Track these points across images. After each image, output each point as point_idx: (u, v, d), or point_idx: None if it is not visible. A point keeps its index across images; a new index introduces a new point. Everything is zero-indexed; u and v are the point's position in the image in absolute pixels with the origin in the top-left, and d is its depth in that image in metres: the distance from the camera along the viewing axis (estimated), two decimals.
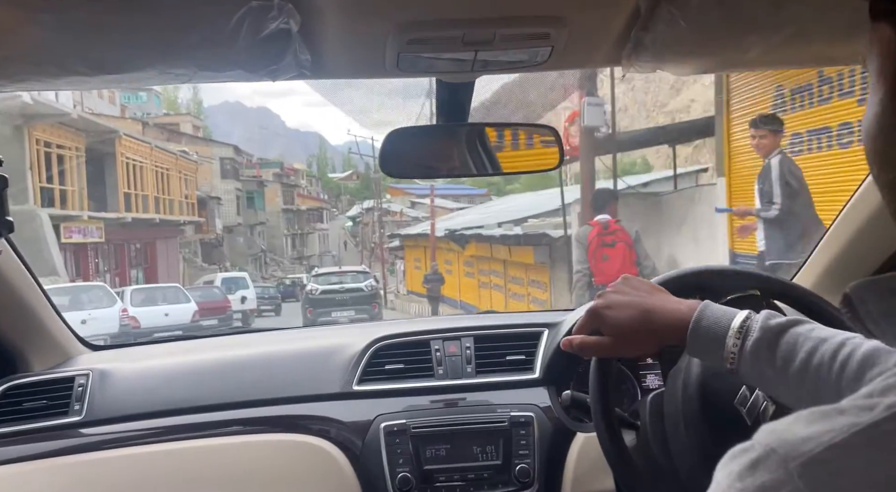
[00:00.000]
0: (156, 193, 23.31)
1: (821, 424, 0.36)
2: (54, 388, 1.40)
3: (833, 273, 1.36)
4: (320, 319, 13.06)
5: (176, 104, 34.41)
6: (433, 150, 1.14)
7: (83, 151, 18.76)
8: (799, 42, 0.84)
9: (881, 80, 0.41)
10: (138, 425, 1.37)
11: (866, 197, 1.26)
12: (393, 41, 0.77)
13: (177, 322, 13.14)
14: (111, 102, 28.66)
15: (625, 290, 0.86)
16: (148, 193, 22.57)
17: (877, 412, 0.35)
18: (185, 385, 1.44)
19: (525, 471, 1.31)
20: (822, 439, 0.35)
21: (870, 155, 0.43)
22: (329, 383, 1.43)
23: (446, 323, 1.57)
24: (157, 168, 23.60)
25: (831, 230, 1.37)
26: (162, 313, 13.57)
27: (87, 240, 18.49)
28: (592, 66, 0.97)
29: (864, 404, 0.36)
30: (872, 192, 1.23)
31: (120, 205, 20.57)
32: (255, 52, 0.73)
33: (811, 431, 0.36)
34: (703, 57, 0.90)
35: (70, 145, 18.00)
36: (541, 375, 1.42)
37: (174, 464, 1.34)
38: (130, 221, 20.78)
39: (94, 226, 18.84)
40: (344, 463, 1.33)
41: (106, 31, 0.67)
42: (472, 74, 0.96)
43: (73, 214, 17.78)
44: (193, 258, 27.59)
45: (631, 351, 0.89)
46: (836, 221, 1.35)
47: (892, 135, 0.41)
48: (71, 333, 1.62)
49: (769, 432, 0.38)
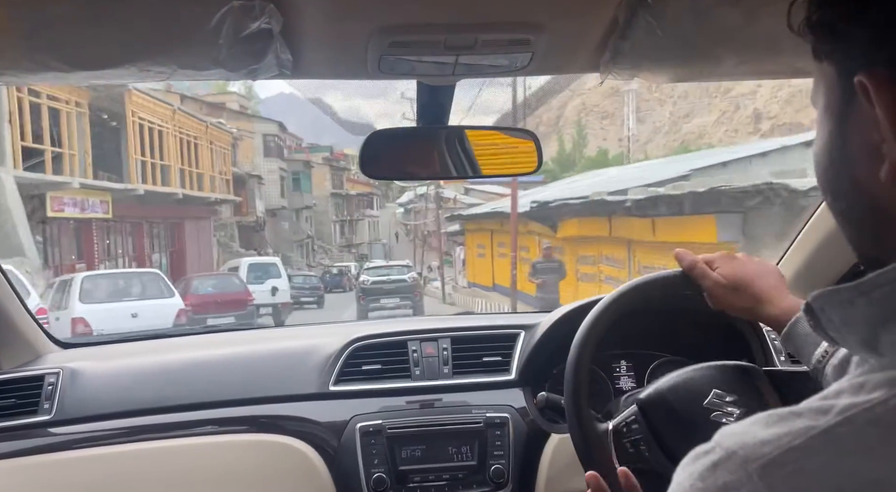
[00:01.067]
0: (180, 164, 20.03)
1: (778, 427, 0.37)
2: (24, 386, 1.37)
3: (802, 277, 1.39)
4: (371, 305, 15.63)
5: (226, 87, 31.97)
6: (413, 152, 1.15)
7: (86, 107, 15.43)
8: (771, 54, 0.86)
9: (827, 115, 0.43)
10: (110, 424, 1.35)
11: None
12: (375, 43, 0.77)
13: (151, 325, 9.22)
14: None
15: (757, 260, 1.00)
16: (170, 164, 19.22)
17: (831, 416, 0.36)
18: (158, 384, 1.43)
19: (500, 471, 1.32)
20: (781, 442, 0.36)
21: (822, 185, 0.46)
22: (305, 383, 1.42)
23: (424, 324, 1.58)
24: (182, 135, 20.38)
25: (801, 235, 1.40)
26: (128, 313, 9.93)
27: (86, 215, 15.21)
28: (571, 71, 0.99)
29: (819, 406, 0.37)
30: None
31: (131, 174, 16.98)
32: (236, 52, 0.73)
33: (769, 434, 0.37)
34: (679, 66, 0.92)
35: (67, 98, 14.54)
36: (516, 376, 1.43)
37: (146, 464, 1.32)
38: (144, 194, 17.33)
39: (96, 198, 15.52)
40: (319, 463, 1.33)
41: (84, 28, 0.66)
42: (453, 78, 0.96)
43: (60, 180, 13.99)
44: (230, 243, 25.19)
45: (731, 303, 0.96)
46: (807, 225, 1.38)
47: (840, 166, 0.43)
48: (41, 330, 1.59)
49: (729, 434, 0.39)
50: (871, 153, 0.39)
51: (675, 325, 1.38)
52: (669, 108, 30.75)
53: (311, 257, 36.09)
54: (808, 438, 0.36)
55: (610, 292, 1.09)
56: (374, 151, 1.11)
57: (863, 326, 0.40)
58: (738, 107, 20.51)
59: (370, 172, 1.13)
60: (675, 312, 1.34)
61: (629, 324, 1.16)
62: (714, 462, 0.38)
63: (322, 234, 40.88)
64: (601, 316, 1.06)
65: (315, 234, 38.91)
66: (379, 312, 15.06)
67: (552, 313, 1.48)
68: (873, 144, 0.39)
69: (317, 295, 19.31)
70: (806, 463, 0.35)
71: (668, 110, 30.94)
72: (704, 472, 0.38)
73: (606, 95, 37.70)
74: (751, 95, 21.54)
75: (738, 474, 0.36)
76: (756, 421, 0.39)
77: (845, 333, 0.42)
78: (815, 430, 0.36)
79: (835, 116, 0.42)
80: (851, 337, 0.42)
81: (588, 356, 1.04)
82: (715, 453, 0.38)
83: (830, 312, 0.42)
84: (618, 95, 31.74)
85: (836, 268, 1.34)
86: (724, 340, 1.35)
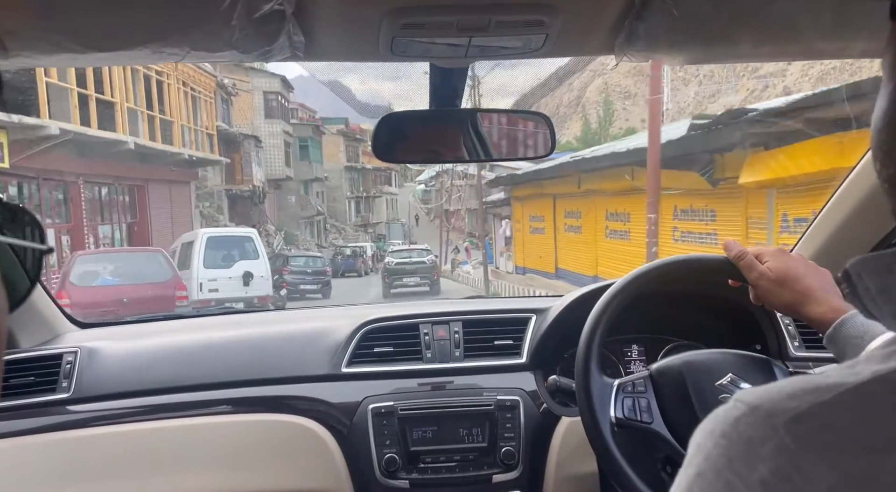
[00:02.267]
0: (131, 103, 14.35)
1: (804, 384, 0.37)
2: (42, 365, 1.40)
3: (830, 249, 1.38)
4: (395, 283, 17.38)
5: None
6: (426, 135, 1.14)
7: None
8: (788, 36, 0.85)
9: (893, 76, 0.42)
10: (126, 402, 1.38)
11: (864, 175, 1.28)
12: (387, 25, 0.77)
13: None
14: None
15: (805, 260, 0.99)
16: (116, 101, 13.64)
17: (863, 375, 0.36)
18: (174, 364, 1.45)
19: (510, 453, 1.33)
20: (809, 397, 0.35)
21: (874, 149, 0.44)
22: (318, 364, 1.44)
23: (435, 307, 1.58)
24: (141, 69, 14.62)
25: (828, 206, 1.38)
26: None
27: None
28: (586, 54, 0.98)
29: (849, 370, 0.37)
30: (870, 170, 1.25)
31: (42, 108, 10.85)
32: (249, 33, 0.73)
33: (795, 389, 0.36)
34: (694, 48, 0.91)
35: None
36: (528, 360, 1.44)
37: (162, 442, 1.35)
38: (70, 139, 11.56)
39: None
40: (331, 443, 1.35)
41: (100, 10, 0.67)
42: (466, 60, 0.96)
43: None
44: (215, 215, 20.52)
45: (776, 297, 0.97)
46: (834, 197, 1.36)
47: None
48: (59, 310, 1.61)
49: (750, 392, 0.38)
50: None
51: (689, 310, 1.38)
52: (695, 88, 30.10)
53: (323, 237, 32.37)
54: (839, 393, 0.35)
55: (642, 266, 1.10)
56: (386, 135, 1.11)
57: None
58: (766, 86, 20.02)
59: (383, 155, 1.13)
60: (689, 297, 1.34)
61: (642, 308, 1.17)
62: (736, 417, 0.37)
63: (335, 211, 36.76)
64: (613, 299, 1.06)
65: (327, 211, 34.88)
66: (401, 289, 17.12)
67: (564, 297, 1.48)
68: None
69: (321, 281, 15.66)
70: (836, 418, 0.34)
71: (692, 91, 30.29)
72: (727, 428, 0.37)
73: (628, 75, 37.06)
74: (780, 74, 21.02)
75: (764, 428, 0.35)
76: (779, 382, 0.38)
77: (881, 302, 0.41)
78: (846, 386, 0.35)
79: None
80: (886, 307, 0.40)
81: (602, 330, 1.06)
82: (736, 408, 0.37)
83: (868, 280, 0.41)
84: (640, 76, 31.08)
85: (866, 240, 1.32)
86: (737, 326, 1.35)
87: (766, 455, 0.34)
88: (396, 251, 19.70)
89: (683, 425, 1.00)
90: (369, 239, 33.50)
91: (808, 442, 0.34)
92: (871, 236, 1.32)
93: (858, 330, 0.87)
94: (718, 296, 1.27)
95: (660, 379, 1.05)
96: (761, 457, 0.34)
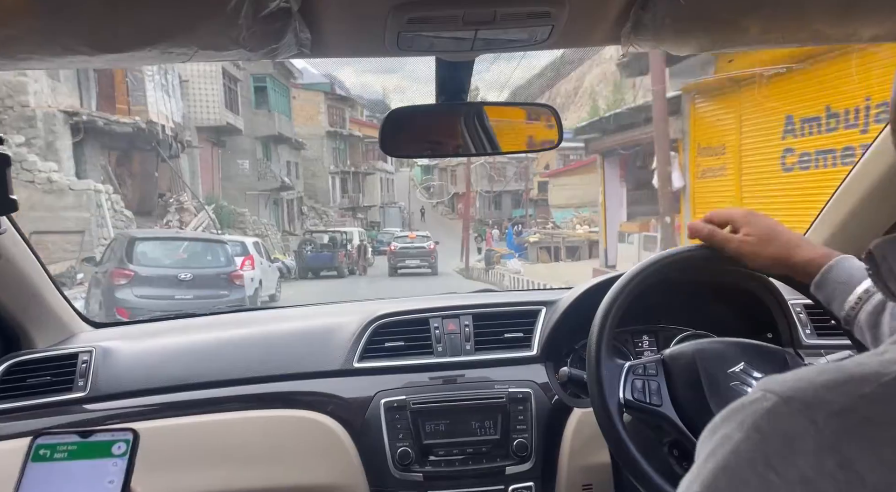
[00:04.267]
0: None
1: (836, 374, 0.35)
2: (58, 364, 1.42)
3: (845, 230, 1.37)
4: (399, 264, 19.23)
5: None
6: (433, 129, 1.15)
7: None
8: (798, 21, 0.84)
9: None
10: (142, 400, 1.39)
11: (879, 155, 1.27)
12: (393, 20, 0.77)
13: None
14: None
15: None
16: None
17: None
18: (188, 362, 1.46)
19: (523, 445, 1.33)
20: (846, 388, 0.34)
21: (893, 122, 0.44)
22: (330, 360, 1.45)
23: (445, 301, 1.59)
24: None
25: (843, 187, 1.37)
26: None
27: None
28: (592, 44, 0.97)
29: (884, 359, 0.35)
30: (885, 150, 1.24)
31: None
32: (256, 31, 0.73)
33: (828, 380, 0.34)
34: (702, 36, 0.91)
35: None
36: (538, 352, 1.44)
37: (177, 439, 1.36)
38: None
39: None
40: (345, 438, 1.36)
41: (108, 11, 0.67)
42: (473, 53, 0.96)
43: None
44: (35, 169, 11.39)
45: (766, 255, 0.96)
46: (848, 178, 1.35)
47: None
48: (73, 310, 1.63)
49: (777, 381, 0.36)
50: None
51: (700, 299, 1.37)
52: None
53: (298, 222, 24.21)
54: (879, 385, 0.33)
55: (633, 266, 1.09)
56: (393, 129, 1.11)
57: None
58: None
59: (389, 149, 1.13)
60: (700, 287, 1.34)
61: (652, 298, 1.17)
62: (768, 410, 0.35)
63: (315, 190, 27.32)
64: (624, 288, 1.06)
65: (304, 190, 25.98)
66: (405, 270, 19.33)
67: (573, 289, 1.48)
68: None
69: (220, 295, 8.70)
70: (878, 411, 0.33)
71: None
72: (759, 421, 0.35)
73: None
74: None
75: (802, 423, 0.33)
76: (804, 370, 0.36)
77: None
78: (887, 377, 0.34)
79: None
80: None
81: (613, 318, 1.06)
82: (767, 399, 0.35)
83: (892, 261, 0.40)
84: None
85: (882, 221, 1.32)
86: (748, 315, 1.34)
87: (806, 450, 0.32)
88: (400, 237, 21.84)
89: (693, 410, 1.00)
90: (359, 225, 26.39)
91: (852, 437, 0.32)
92: (887, 218, 1.31)
93: (845, 275, 0.87)
94: (729, 285, 1.27)
95: (672, 364, 1.05)
96: (801, 452, 0.32)
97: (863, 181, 1.32)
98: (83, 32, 0.71)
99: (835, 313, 0.90)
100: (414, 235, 21.80)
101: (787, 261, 0.94)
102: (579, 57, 40.84)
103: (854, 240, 1.32)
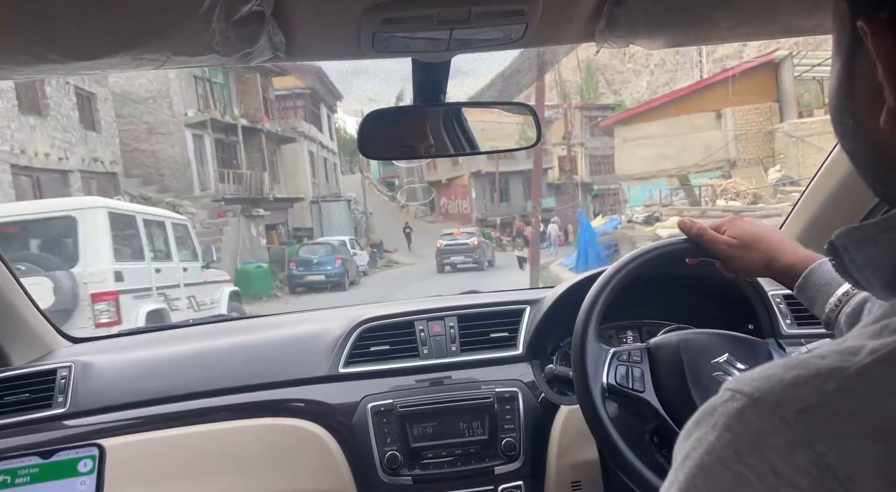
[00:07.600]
0: None
1: (802, 369, 0.35)
2: (37, 381, 1.39)
3: (816, 224, 1.39)
4: (444, 262, 19.94)
5: None
6: (411, 130, 1.14)
7: None
8: (768, 14, 0.85)
9: (837, 56, 0.42)
10: (124, 414, 1.37)
11: None
12: (367, 21, 0.77)
13: None
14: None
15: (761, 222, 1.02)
16: None
17: (862, 356, 0.35)
18: (170, 374, 1.44)
19: (511, 444, 1.33)
20: (812, 384, 0.34)
21: (833, 124, 0.44)
22: (315, 366, 1.43)
23: (429, 304, 1.58)
24: None
25: (814, 183, 1.39)
26: None
27: None
28: (566, 42, 0.98)
29: (847, 348, 0.36)
30: None
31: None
32: (229, 36, 0.72)
33: (795, 376, 0.35)
34: (675, 31, 0.92)
35: None
36: (524, 351, 1.44)
37: (161, 452, 1.34)
38: None
39: None
40: (332, 444, 1.35)
41: (77, 17, 0.66)
42: (448, 54, 0.96)
43: None
44: None
45: (747, 261, 0.98)
46: (819, 173, 1.37)
47: (846, 108, 0.42)
48: (50, 325, 1.60)
49: (745, 381, 0.37)
50: (874, 97, 0.38)
51: (681, 293, 1.39)
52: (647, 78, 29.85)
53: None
54: (842, 378, 0.34)
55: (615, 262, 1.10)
56: (371, 131, 1.10)
57: (887, 266, 0.39)
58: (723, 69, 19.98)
59: (368, 151, 1.13)
60: (681, 280, 1.35)
61: (635, 293, 1.17)
62: (738, 409, 0.35)
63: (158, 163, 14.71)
64: (607, 283, 1.07)
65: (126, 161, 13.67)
66: (450, 267, 20.03)
67: (556, 287, 1.49)
68: (876, 88, 0.38)
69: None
70: (843, 405, 0.33)
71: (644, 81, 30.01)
72: (730, 421, 0.35)
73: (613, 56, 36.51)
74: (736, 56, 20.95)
75: (772, 421, 0.34)
76: (771, 367, 0.37)
77: (868, 273, 0.41)
78: (848, 371, 0.34)
79: (843, 57, 0.41)
80: (874, 277, 0.40)
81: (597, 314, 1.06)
82: (736, 400, 0.36)
83: (854, 251, 0.41)
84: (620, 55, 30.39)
85: (852, 214, 1.33)
86: (729, 307, 1.36)
87: (777, 446, 0.33)
88: (447, 234, 21.94)
89: (675, 398, 1.01)
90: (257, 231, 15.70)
91: (821, 431, 0.33)
92: (856, 212, 1.33)
93: (826, 278, 0.90)
94: (710, 278, 1.28)
95: (656, 352, 1.06)
96: (772, 448, 0.33)
97: (834, 174, 1.35)
98: (53, 40, 0.70)
99: (817, 315, 0.92)
100: (459, 232, 21.86)
101: (770, 265, 0.96)
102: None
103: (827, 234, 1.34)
